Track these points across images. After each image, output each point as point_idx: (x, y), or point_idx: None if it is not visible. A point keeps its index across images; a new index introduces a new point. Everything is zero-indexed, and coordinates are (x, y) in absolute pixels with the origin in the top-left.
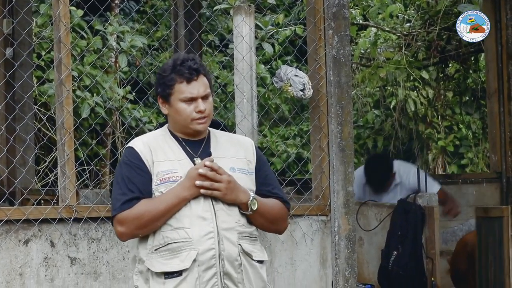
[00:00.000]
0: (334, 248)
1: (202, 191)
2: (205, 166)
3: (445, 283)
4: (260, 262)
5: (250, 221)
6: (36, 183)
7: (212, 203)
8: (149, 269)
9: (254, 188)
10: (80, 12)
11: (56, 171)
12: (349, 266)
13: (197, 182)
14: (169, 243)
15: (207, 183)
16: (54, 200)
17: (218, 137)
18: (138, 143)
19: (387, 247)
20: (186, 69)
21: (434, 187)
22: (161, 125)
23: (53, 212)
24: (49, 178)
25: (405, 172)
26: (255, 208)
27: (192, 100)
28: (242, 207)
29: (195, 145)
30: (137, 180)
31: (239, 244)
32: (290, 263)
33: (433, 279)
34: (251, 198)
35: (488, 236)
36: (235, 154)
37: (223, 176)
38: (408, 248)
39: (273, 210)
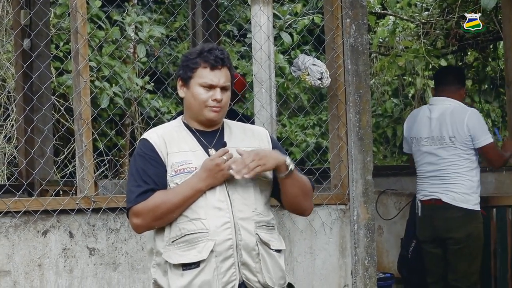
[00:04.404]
0: (353, 237)
1: (246, 175)
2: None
3: None
4: (278, 251)
5: (267, 209)
6: (55, 174)
7: (228, 192)
8: (166, 261)
9: (271, 176)
10: (98, 3)
11: (74, 162)
12: (369, 255)
13: (232, 171)
14: (185, 235)
15: (243, 168)
16: (73, 191)
17: (232, 127)
18: (152, 135)
19: (407, 236)
20: (212, 56)
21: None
22: (178, 114)
23: (72, 202)
24: (68, 169)
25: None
26: (293, 168)
27: (211, 87)
28: (281, 168)
29: (209, 135)
30: (152, 172)
31: (257, 234)
32: (309, 252)
33: None
34: (287, 157)
35: None
36: (249, 144)
37: (245, 155)
38: None
39: (303, 179)
